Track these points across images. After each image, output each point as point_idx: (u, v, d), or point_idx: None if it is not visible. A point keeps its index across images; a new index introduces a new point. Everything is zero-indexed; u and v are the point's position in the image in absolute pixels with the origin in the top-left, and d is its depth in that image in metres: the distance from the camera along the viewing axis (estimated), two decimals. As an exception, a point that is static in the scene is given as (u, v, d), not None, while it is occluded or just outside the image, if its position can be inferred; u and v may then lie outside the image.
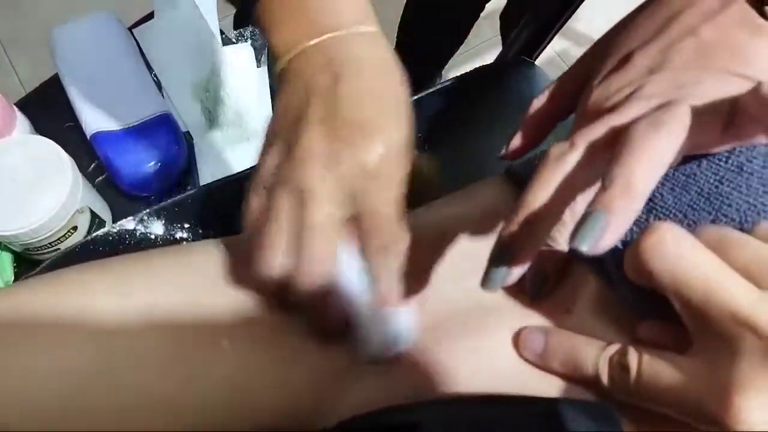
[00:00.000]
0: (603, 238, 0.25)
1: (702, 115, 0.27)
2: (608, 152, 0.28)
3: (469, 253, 0.36)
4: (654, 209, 0.32)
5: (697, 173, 0.31)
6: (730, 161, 0.31)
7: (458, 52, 1.21)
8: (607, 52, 0.34)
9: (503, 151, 0.38)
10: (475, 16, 1.10)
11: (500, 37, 1.17)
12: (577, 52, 1.47)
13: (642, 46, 0.32)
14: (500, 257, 0.29)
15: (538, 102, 0.38)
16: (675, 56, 0.30)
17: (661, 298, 0.28)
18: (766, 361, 0.23)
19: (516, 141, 0.38)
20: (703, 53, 0.30)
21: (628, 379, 0.28)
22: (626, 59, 0.32)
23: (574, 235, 0.26)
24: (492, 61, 0.76)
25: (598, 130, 0.29)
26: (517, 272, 0.29)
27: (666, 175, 0.32)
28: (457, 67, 1.41)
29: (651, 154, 0.26)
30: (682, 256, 0.26)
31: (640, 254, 0.26)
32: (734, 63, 0.29)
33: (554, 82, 0.38)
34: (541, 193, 0.28)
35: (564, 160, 0.28)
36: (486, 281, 0.29)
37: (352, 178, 0.32)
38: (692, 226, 0.31)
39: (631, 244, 0.29)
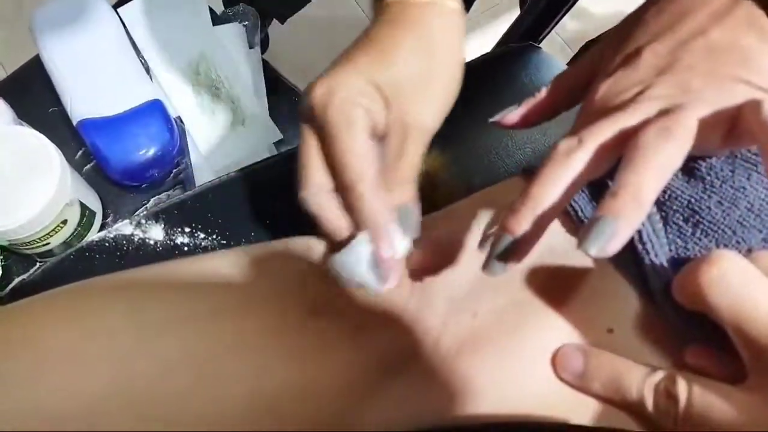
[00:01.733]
0: (610, 244, 0.26)
1: (707, 122, 0.27)
2: (614, 152, 0.29)
3: None
4: (701, 223, 0.30)
5: (747, 187, 0.30)
6: None
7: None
8: (616, 47, 0.34)
9: (496, 117, 0.38)
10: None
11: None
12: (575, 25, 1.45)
13: (651, 43, 0.31)
14: (507, 251, 0.29)
15: (543, 92, 0.38)
16: (684, 56, 0.30)
17: (710, 323, 0.27)
18: None
19: (512, 117, 0.38)
20: (712, 56, 0.30)
21: (677, 409, 0.27)
22: (635, 55, 0.32)
23: (583, 239, 0.26)
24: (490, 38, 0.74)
25: (607, 130, 0.29)
26: (519, 262, 0.29)
27: (713, 186, 0.30)
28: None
29: (660, 162, 0.26)
30: (745, 292, 0.24)
31: (699, 285, 0.25)
32: (742, 69, 0.29)
33: (559, 75, 0.38)
34: (549, 189, 0.28)
35: (573, 157, 0.28)
36: (490, 270, 0.29)
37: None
38: (741, 244, 0.29)
39: (685, 266, 0.27)
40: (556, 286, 0.33)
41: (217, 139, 0.75)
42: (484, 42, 1.31)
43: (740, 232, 0.29)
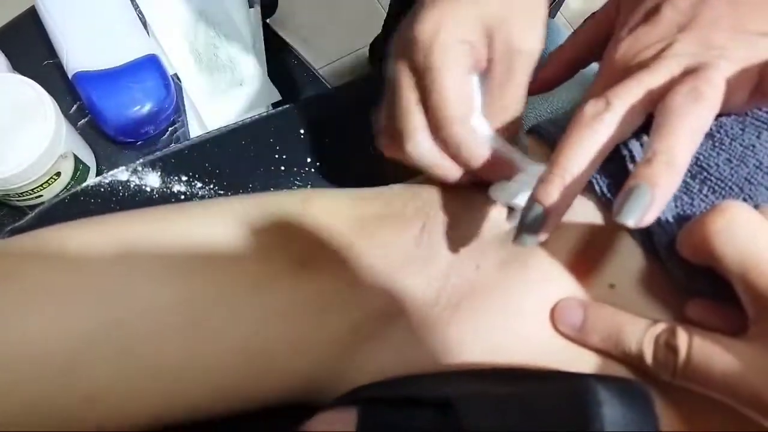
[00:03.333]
0: (648, 214, 0.25)
1: (733, 80, 0.27)
2: (641, 114, 0.28)
3: (498, 220, 0.34)
4: (708, 180, 0.30)
5: (756, 145, 0.29)
6: None
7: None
8: (634, 3, 0.33)
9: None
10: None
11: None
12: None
13: None
14: (538, 222, 0.28)
15: (559, 50, 0.38)
16: (706, 11, 0.30)
17: (714, 277, 0.27)
18: None
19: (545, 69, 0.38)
20: (734, 9, 0.29)
21: (676, 361, 0.27)
22: (654, 12, 0.31)
23: (619, 210, 0.26)
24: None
25: (634, 91, 0.28)
26: (548, 231, 0.29)
27: (722, 144, 0.30)
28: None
29: (692, 125, 0.26)
30: (752, 241, 0.24)
31: (706, 234, 0.25)
32: (766, 22, 0.28)
33: (576, 31, 0.38)
34: (579, 157, 0.28)
35: (601, 121, 0.28)
36: (520, 242, 0.29)
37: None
38: (749, 201, 0.29)
39: (691, 220, 0.27)
40: (559, 242, 0.32)
41: (214, 98, 0.74)
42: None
43: (748, 189, 0.29)
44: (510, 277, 0.32)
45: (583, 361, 0.30)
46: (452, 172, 0.34)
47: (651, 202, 0.25)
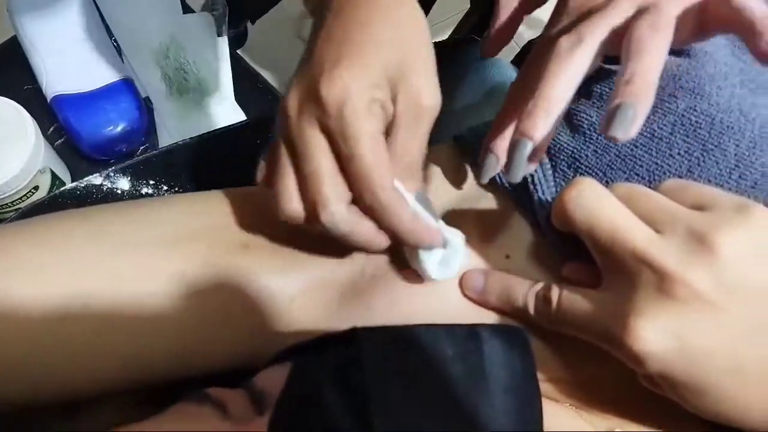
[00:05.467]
0: (633, 126, 0.29)
1: (679, 16, 0.31)
2: (605, 49, 0.32)
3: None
4: (579, 168, 0.36)
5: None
6: (644, 129, 0.35)
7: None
8: None
9: (485, 47, 0.42)
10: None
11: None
12: (529, 34, 1.52)
13: None
14: (523, 146, 0.32)
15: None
16: None
17: (582, 243, 0.33)
18: (658, 292, 0.28)
19: (493, 34, 0.41)
20: None
21: (550, 310, 0.33)
22: None
23: (607, 126, 0.29)
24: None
25: (602, 27, 0.32)
26: (536, 161, 0.32)
27: (591, 138, 0.36)
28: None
29: (658, 53, 0.30)
30: (596, 206, 0.30)
31: (563, 204, 0.31)
32: None
33: None
34: (560, 87, 0.31)
35: (576, 53, 0.32)
36: (513, 176, 0.33)
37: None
38: (609, 183, 0.35)
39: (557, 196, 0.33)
40: (466, 224, 0.38)
41: (183, 119, 0.80)
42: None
43: (609, 173, 0.35)
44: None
45: (484, 317, 0.36)
46: (374, 238, 0.33)
47: (635, 115, 0.29)
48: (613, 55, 0.33)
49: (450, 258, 0.35)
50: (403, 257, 0.37)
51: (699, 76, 0.35)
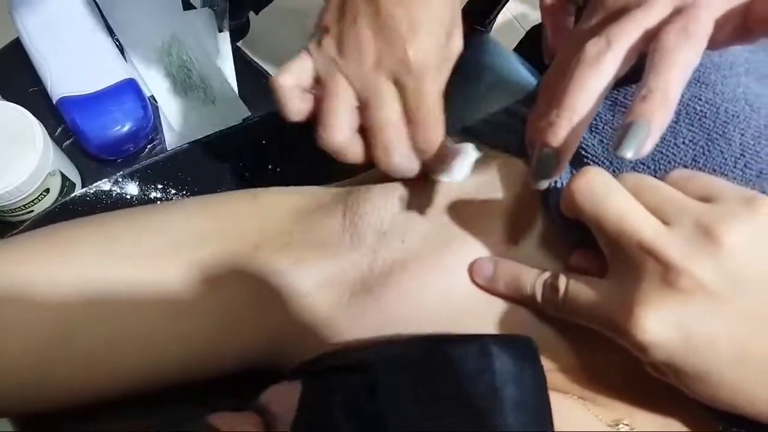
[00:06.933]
0: (645, 146, 0.29)
1: (719, 18, 0.30)
2: (637, 53, 0.31)
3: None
4: (586, 157, 0.36)
5: (622, 128, 0.36)
6: None
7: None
8: None
9: (546, 55, 0.43)
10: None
11: None
12: (535, 16, 1.51)
13: None
14: (550, 163, 0.32)
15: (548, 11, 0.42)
16: None
17: (590, 232, 0.33)
18: (663, 283, 0.28)
19: (548, 40, 0.42)
20: None
21: (557, 298, 0.33)
22: None
23: (619, 144, 0.29)
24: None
25: (632, 31, 0.31)
26: (561, 170, 0.32)
27: (597, 128, 0.36)
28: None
29: (684, 65, 0.28)
30: (604, 196, 0.30)
31: (572, 193, 0.31)
32: None
33: None
34: (584, 97, 0.30)
35: (604, 60, 0.30)
36: (538, 185, 0.33)
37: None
38: (616, 173, 0.35)
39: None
40: (473, 213, 0.39)
41: (188, 117, 0.80)
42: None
43: (616, 163, 0.36)
44: (433, 245, 0.38)
45: (495, 306, 0.37)
46: (410, 164, 0.38)
47: (648, 135, 0.28)
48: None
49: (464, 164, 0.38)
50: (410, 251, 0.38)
51: (704, 65, 0.35)
